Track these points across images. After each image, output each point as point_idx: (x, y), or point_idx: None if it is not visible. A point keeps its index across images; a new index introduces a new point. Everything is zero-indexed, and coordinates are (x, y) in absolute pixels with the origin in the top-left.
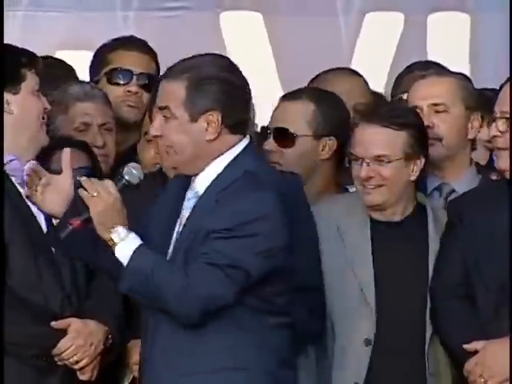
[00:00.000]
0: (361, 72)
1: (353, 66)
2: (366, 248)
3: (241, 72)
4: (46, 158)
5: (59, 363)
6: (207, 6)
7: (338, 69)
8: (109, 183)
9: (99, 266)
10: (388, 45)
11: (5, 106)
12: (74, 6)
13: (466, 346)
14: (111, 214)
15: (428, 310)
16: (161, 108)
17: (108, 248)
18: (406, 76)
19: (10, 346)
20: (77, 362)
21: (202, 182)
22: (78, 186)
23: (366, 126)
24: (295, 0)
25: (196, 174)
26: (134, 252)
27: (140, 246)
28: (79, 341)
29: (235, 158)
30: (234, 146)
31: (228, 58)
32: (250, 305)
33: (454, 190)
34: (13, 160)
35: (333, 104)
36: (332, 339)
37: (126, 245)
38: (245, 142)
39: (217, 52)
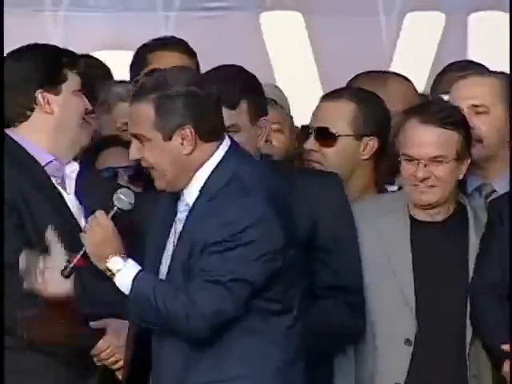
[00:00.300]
0: (401, 72)
1: (393, 66)
2: (405, 247)
3: (205, 80)
4: (92, 157)
5: (98, 363)
6: (248, 5)
7: (385, 72)
8: (100, 214)
9: None
10: (429, 44)
11: (46, 106)
12: (115, 6)
13: (504, 347)
14: (104, 246)
15: (468, 310)
16: (134, 135)
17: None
18: (445, 76)
19: (50, 345)
20: (115, 363)
21: (190, 194)
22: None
23: (418, 126)
24: (336, 0)
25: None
26: (133, 280)
27: (138, 273)
28: (117, 341)
29: (218, 165)
30: (214, 152)
31: (190, 69)
32: (258, 308)
33: (494, 190)
34: (52, 161)
35: (373, 104)
36: (371, 339)
37: (124, 274)
38: (225, 145)
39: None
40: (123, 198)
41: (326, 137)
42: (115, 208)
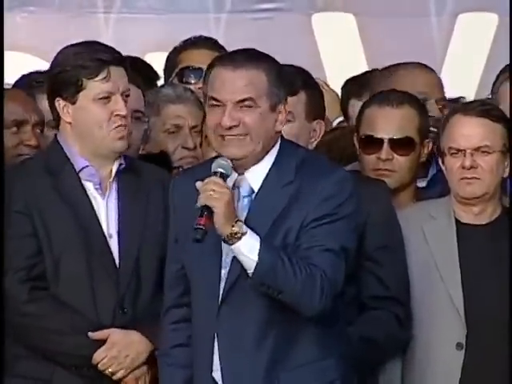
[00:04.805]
0: (454, 73)
1: (445, 67)
2: (452, 250)
3: None
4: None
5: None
6: (299, 7)
7: (412, 63)
8: (216, 178)
9: None
10: (481, 46)
11: (65, 114)
12: (166, 8)
13: None
14: (232, 207)
15: None
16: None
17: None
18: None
19: (53, 355)
20: (112, 374)
21: (254, 178)
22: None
23: (462, 118)
24: (387, 1)
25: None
26: (261, 244)
27: (261, 238)
28: (112, 352)
29: (280, 149)
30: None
31: None
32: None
33: None
34: (86, 167)
35: (424, 106)
36: (421, 344)
37: (250, 237)
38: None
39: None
40: (224, 162)
41: (402, 145)
42: (219, 173)
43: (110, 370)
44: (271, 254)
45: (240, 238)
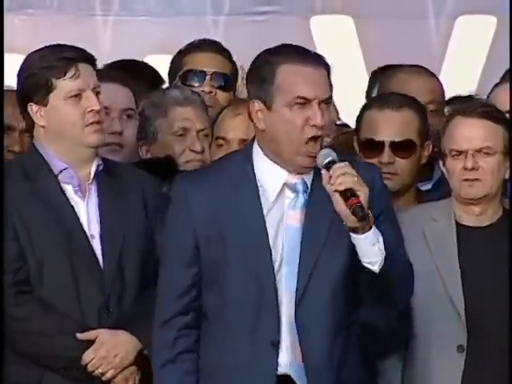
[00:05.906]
0: (452, 75)
1: (444, 69)
2: (452, 252)
3: None
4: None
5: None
6: (298, 10)
7: (413, 67)
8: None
9: None
10: (480, 48)
11: (38, 118)
12: (164, 10)
13: None
14: None
15: None
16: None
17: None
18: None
19: (41, 358)
20: (102, 374)
21: (307, 175)
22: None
23: (463, 120)
24: (386, 3)
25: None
26: (382, 234)
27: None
28: (101, 352)
29: None
30: None
31: None
32: None
33: None
34: (65, 169)
35: (424, 108)
36: (422, 348)
37: (374, 227)
38: None
39: None
40: (332, 152)
41: (404, 148)
42: (330, 159)
43: (99, 370)
44: (386, 243)
45: (371, 228)
